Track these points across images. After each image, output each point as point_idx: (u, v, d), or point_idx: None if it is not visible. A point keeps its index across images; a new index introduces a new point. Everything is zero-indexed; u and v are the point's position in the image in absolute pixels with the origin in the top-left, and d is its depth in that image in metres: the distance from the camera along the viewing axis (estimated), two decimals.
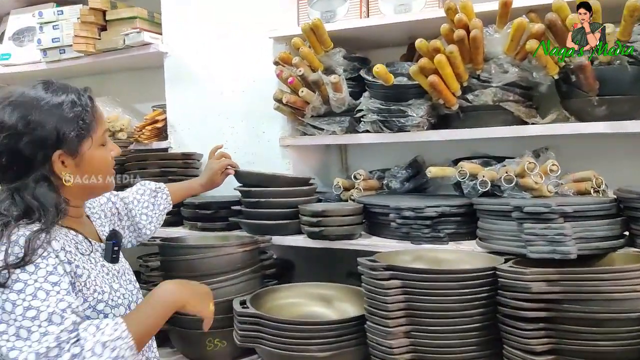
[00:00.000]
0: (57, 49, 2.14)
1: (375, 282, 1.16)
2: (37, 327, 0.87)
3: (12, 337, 0.87)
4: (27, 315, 0.87)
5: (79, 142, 1.01)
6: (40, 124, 0.98)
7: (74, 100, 1.01)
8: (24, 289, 0.88)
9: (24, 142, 0.97)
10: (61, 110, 0.99)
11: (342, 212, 1.48)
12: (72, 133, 0.99)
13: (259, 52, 1.91)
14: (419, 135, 1.62)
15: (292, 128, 1.88)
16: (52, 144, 0.98)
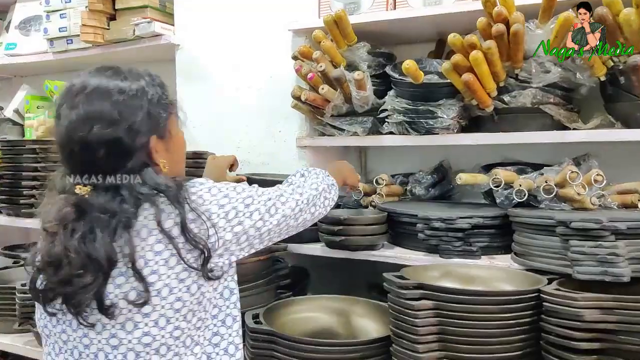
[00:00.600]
0: (64, 39, 2.04)
1: (403, 302, 1.04)
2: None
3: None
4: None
5: (167, 124, 0.97)
6: (133, 110, 0.92)
7: (151, 82, 0.97)
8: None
9: (122, 130, 0.90)
10: (146, 93, 0.94)
11: (365, 220, 1.37)
12: (163, 115, 0.96)
13: (276, 46, 1.79)
14: (448, 138, 1.50)
15: (310, 128, 1.77)
16: (148, 129, 0.93)
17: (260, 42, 1.83)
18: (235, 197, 0.95)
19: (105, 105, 0.89)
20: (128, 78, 0.94)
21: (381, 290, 1.54)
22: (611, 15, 1.27)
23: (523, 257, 1.22)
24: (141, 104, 0.92)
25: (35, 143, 1.96)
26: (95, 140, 0.88)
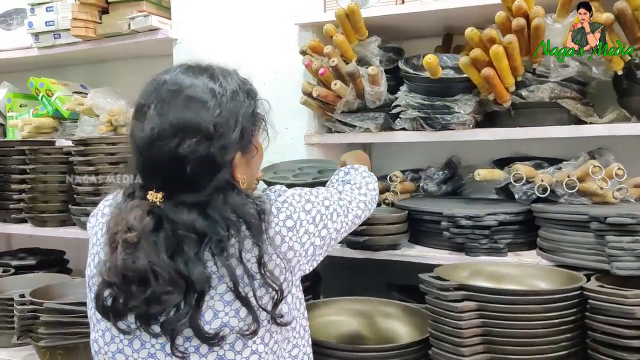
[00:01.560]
0: (51, 34, 1.93)
1: (445, 303, 1.01)
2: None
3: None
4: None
5: (253, 139, 0.90)
6: (228, 125, 0.83)
7: (242, 87, 0.89)
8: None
9: (216, 147, 0.81)
10: (242, 105, 0.86)
11: (388, 219, 1.33)
12: (252, 129, 0.89)
13: (281, 40, 1.74)
14: (464, 134, 1.48)
15: (319, 124, 1.72)
16: (235, 143, 0.84)
17: (264, 37, 1.77)
18: (315, 200, 0.94)
19: (202, 116, 0.80)
20: (223, 84, 0.85)
21: (400, 289, 1.53)
22: (630, 9, 1.27)
23: (552, 253, 1.21)
24: (237, 118, 0.84)
25: (24, 144, 1.85)
26: (185, 155, 0.79)
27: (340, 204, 1.00)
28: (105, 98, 1.84)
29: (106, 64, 2.16)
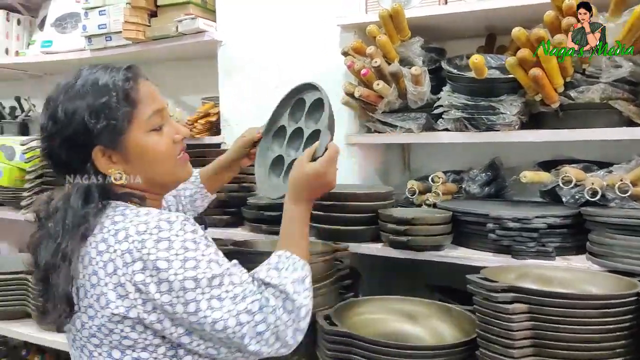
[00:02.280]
0: (103, 36, 2.01)
1: (495, 305, 1.00)
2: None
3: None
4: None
5: (118, 132, 0.89)
6: (68, 119, 0.88)
7: (103, 84, 0.88)
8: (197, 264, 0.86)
9: (58, 144, 0.90)
10: (88, 98, 0.88)
11: (432, 220, 1.33)
12: (104, 123, 0.87)
13: (323, 42, 1.75)
14: (509, 135, 1.46)
15: (359, 125, 1.73)
16: (86, 139, 0.88)
17: (304, 38, 1.80)
18: (175, 271, 0.83)
19: (44, 115, 0.91)
20: (80, 79, 0.90)
21: (441, 291, 1.52)
22: None
23: (603, 258, 1.18)
24: (79, 111, 0.87)
25: None
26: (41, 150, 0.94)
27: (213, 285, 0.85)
28: None
29: (150, 64, 2.22)
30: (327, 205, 1.44)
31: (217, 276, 0.84)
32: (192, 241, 0.85)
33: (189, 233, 0.85)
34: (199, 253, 0.84)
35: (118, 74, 0.91)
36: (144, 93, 0.92)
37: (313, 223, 1.48)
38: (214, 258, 0.86)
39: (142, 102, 0.91)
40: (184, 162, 1.01)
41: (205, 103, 1.98)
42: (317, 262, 1.29)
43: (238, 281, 0.87)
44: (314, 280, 1.27)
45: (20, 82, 2.60)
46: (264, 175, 1.22)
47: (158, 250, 0.82)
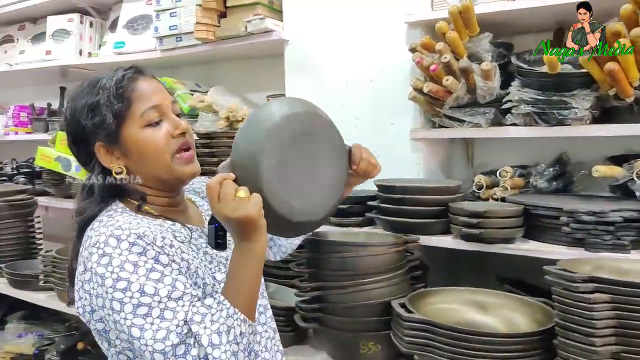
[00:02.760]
0: (174, 37, 2.11)
1: (575, 295, 1.02)
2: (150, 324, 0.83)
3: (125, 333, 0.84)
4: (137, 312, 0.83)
5: (114, 127, 0.93)
6: (72, 117, 0.97)
7: (99, 84, 0.95)
8: (128, 286, 0.84)
9: (69, 141, 0.99)
10: (85, 98, 0.95)
11: (504, 213, 1.35)
12: (97, 119, 0.93)
13: (389, 39, 1.79)
14: (580, 129, 1.46)
15: (424, 119, 1.76)
16: (87, 136, 0.95)
17: (371, 36, 1.84)
18: (106, 289, 0.85)
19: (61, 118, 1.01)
20: (85, 83, 0.98)
21: (510, 283, 1.54)
22: None
23: None
24: (79, 110, 0.95)
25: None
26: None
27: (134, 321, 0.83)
28: (223, 95, 1.99)
29: (216, 63, 2.32)
30: (398, 199, 1.48)
31: (143, 305, 0.83)
32: (132, 263, 0.85)
33: (133, 255, 0.85)
34: (134, 277, 0.84)
35: (117, 74, 0.96)
36: (140, 90, 0.94)
37: (383, 216, 1.53)
38: (150, 285, 0.83)
39: (137, 99, 0.94)
40: (185, 159, 0.97)
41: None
42: (389, 253, 1.34)
43: (170, 317, 0.83)
44: (387, 270, 1.34)
45: None
46: None
47: (99, 265, 0.85)
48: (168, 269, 0.86)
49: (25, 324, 2.58)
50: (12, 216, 2.30)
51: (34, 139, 2.92)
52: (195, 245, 0.98)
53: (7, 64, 2.85)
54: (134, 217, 0.93)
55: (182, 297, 0.84)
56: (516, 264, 1.57)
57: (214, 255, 1.00)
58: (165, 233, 0.93)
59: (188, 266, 0.92)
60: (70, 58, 2.60)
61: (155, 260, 0.86)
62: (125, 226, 0.88)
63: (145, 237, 0.87)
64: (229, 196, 0.84)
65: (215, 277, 0.97)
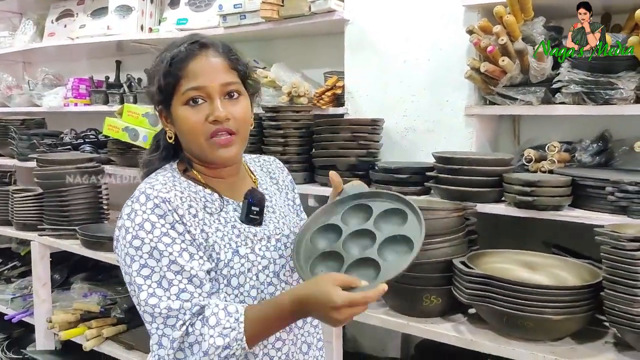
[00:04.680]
0: (237, 15, 2.25)
1: (623, 252, 1.19)
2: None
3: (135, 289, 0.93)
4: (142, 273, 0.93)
5: (167, 97, 1.01)
6: (149, 76, 1.06)
7: (163, 55, 1.01)
8: (140, 246, 0.93)
9: (149, 95, 1.07)
10: (154, 64, 1.03)
11: (556, 183, 1.51)
12: (153, 88, 1.02)
13: (447, 20, 1.92)
14: (626, 109, 1.60)
15: (478, 97, 1.90)
16: (153, 97, 1.04)
17: (429, 17, 1.96)
18: (125, 243, 0.95)
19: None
20: (167, 46, 1.04)
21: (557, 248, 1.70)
22: None
23: None
24: (152, 72, 1.03)
25: None
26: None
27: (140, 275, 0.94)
28: (285, 72, 2.14)
29: (275, 40, 2.45)
30: (456, 169, 1.64)
31: (147, 267, 0.92)
32: (150, 223, 0.93)
33: (154, 215, 0.94)
34: (148, 237, 0.93)
35: (180, 46, 1.00)
36: (191, 68, 0.98)
37: (441, 185, 1.69)
38: (158, 250, 0.92)
39: (185, 77, 0.98)
40: (219, 143, 0.99)
41: (327, 77, 2.20)
42: (451, 217, 1.51)
43: (166, 286, 0.91)
44: (450, 232, 1.50)
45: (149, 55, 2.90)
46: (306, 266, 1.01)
47: (128, 218, 0.95)
48: (180, 238, 0.94)
49: (89, 284, 2.79)
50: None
51: (93, 110, 3.10)
52: (225, 219, 1.03)
53: (69, 38, 3.01)
54: (176, 179, 1.02)
55: (180, 272, 0.92)
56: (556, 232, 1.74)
57: (242, 229, 1.03)
58: (195, 202, 1.00)
59: (206, 238, 0.98)
60: (131, 33, 2.75)
61: (171, 226, 0.94)
62: (158, 187, 0.97)
63: (169, 203, 0.95)
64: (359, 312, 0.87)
65: (239, 250, 1.00)
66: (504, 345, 1.35)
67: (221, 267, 0.98)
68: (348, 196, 1.08)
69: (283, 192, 1.21)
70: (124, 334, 2.43)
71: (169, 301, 0.91)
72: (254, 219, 1.05)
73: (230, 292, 0.99)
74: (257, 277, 1.01)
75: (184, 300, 0.92)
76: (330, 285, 0.86)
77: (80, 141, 2.92)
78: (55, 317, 2.50)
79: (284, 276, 1.05)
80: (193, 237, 0.97)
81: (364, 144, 1.90)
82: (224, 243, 1.00)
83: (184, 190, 1.01)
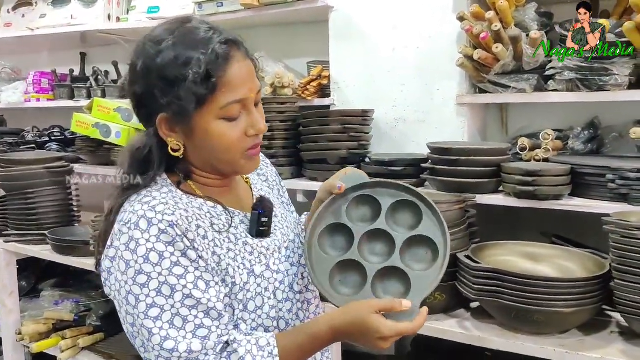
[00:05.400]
0: (214, 2, 2.13)
1: (632, 241, 1.17)
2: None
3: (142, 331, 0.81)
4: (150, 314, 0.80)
5: (187, 110, 0.82)
6: (144, 77, 0.84)
7: (188, 54, 0.81)
8: (147, 282, 0.80)
9: (132, 97, 0.88)
10: (167, 64, 0.81)
11: (556, 172, 1.48)
12: (172, 98, 0.82)
13: (436, 6, 1.87)
14: (619, 95, 1.58)
15: (469, 85, 1.86)
16: (155, 104, 0.84)
17: (417, 3, 1.90)
18: (126, 279, 0.81)
19: (131, 58, 0.87)
20: (173, 37, 0.83)
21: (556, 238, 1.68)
22: None
23: None
24: (154, 74, 0.83)
25: None
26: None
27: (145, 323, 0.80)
28: (267, 62, 2.04)
29: (255, 29, 2.34)
30: (453, 160, 1.60)
31: (156, 307, 0.79)
32: (158, 253, 0.80)
33: (161, 244, 0.80)
34: (156, 270, 0.80)
35: (211, 46, 0.81)
36: (230, 77, 0.82)
37: (437, 177, 1.64)
38: (168, 285, 0.80)
39: (224, 88, 0.82)
40: (252, 157, 0.90)
41: (311, 67, 2.11)
42: (453, 210, 1.46)
43: (179, 325, 0.79)
44: (452, 226, 1.45)
45: (117, 46, 2.75)
46: (328, 286, 0.93)
47: (127, 249, 0.81)
48: (193, 266, 0.82)
49: (60, 291, 2.64)
50: (52, 183, 2.31)
51: (57, 105, 2.93)
52: (234, 235, 0.91)
53: (28, 29, 2.81)
54: (174, 194, 0.87)
55: (196, 306, 0.81)
56: (552, 222, 1.72)
57: (254, 245, 0.93)
58: (202, 220, 0.87)
59: (219, 262, 0.87)
60: (97, 23, 2.59)
61: (183, 254, 0.81)
62: (159, 208, 0.82)
63: (177, 227, 0.81)
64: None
65: (254, 270, 0.90)
66: (513, 340, 1.31)
67: (236, 292, 0.88)
68: (349, 188, 0.99)
69: (275, 190, 1.12)
70: (102, 343, 2.30)
71: (186, 341, 0.80)
72: (264, 232, 0.95)
73: (247, 317, 0.89)
74: (274, 296, 0.92)
75: (203, 338, 0.81)
76: (373, 315, 0.82)
77: (45, 139, 2.75)
78: (25, 328, 2.35)
79: (297, 286, 0.96)
80: (206, 262, 0.84)
81: (355, 135, 1.83)
82: (237, 264, 0.89)
83: (187, 208, 0.86)
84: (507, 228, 1.79)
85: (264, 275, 0.92)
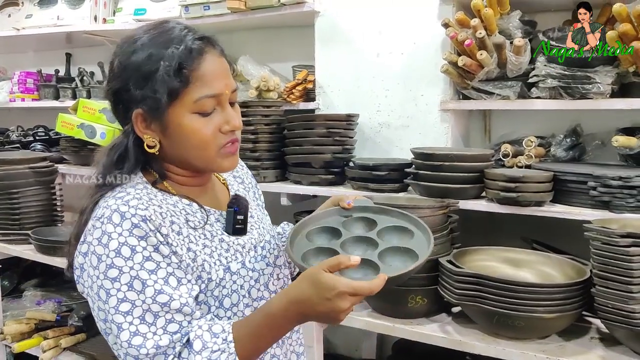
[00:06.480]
0: (201, 5, 2.13)
1: (615, 248, 1.17)
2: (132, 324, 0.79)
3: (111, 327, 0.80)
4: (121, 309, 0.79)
5: (161, 104, 0.83)
6: (120, 74, 0.86)
7: (160, 49, 0.83)
8: (118, 277, 0.79)
9: (110, 94, 0.89)
10: (140, 60, 0.84)
11: (539, 178, 1.49)
12: (147, 91, 0.83)
13: (421, 13, 1.88)
14: (602, 103, 1.60)
15: (453, 92, 1.87)
16: (130, 99, 0.85)
17: (402, 10, 1.91)
18: (98, 274, 0.81)
19: (110, 57, 0.89)
20: (146, 35, 0.86)
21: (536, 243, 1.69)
22: None
23: None
24: (130, 69, 0.85)
25: None
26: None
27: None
28: (252, 66, 2.04)
29: (240, 32, 2.34)
30: (437, 166, 1.60)
31: (127, 301, 0.79)
32: (130, 247, 0.80)
33: (133, 238, 0.80)
34: (128, 264, 0.79)
35: (184, 42, 0.83)
36: (204, 72, 0.84)
37: (420, 182, 1.65)
38: (139, 280, 0.79)
39: (197, 82, 0.83)
40: (229, 154, 0.89)
41: (297, 71, 2.11)
42: (436, 215, 1.46)
43: (150, 320, 0.79)
44: (434, 231, 1.44)
45: (103, 48, 2.73)
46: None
47: (99, 243, 0.81)
48: (165, 261, 0.82)
49: (42, 291, 2.63)
50: (36, 183, 2.29)
51: (41, 106, 2.91)
52: (210, 232, 0.91)
53: (14, 29, 2.79)
54: (148, 191, 0.87)
55: (168, 303, 0.80)
56: (531, 227, 1.73)
57: (230, 242, 0.93)
58: (176, 217, 0.87)
59: (194, 258, 0.86)
60: (83, 24, 2.58)
61: (155, 249, 0.81)
62: (133, 203, 0.82)
63: (150, 222, 0.81)
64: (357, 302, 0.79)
65: (230, 267, 0.91)
66: (494, 345, 1.32)
67: (212, 288, 0.88)
68: (356, 206, 1.01)
69: (250, 192, 1.12)
70: (84, 344, 2.29)
71: (156, 337, 0.79)
72: (240, 229, 0.95)
73: (222, 314, 0.89)
74: (249, 294, 0.92)
75: (172, 333, 0.80)
76: (326, 273, 0.78)
77: (30, 139, 2.71)
78: (7, 328, 2.32)
79: (272, 286, 0.95)
80: (180, 258, 0.84)
81: (339, 140, 1.83)
82: (214, 260, 0.89)
83: (161, 204, 0.86)
84: (486, 233, 1.80)
85: (240, 272, 0.92)
